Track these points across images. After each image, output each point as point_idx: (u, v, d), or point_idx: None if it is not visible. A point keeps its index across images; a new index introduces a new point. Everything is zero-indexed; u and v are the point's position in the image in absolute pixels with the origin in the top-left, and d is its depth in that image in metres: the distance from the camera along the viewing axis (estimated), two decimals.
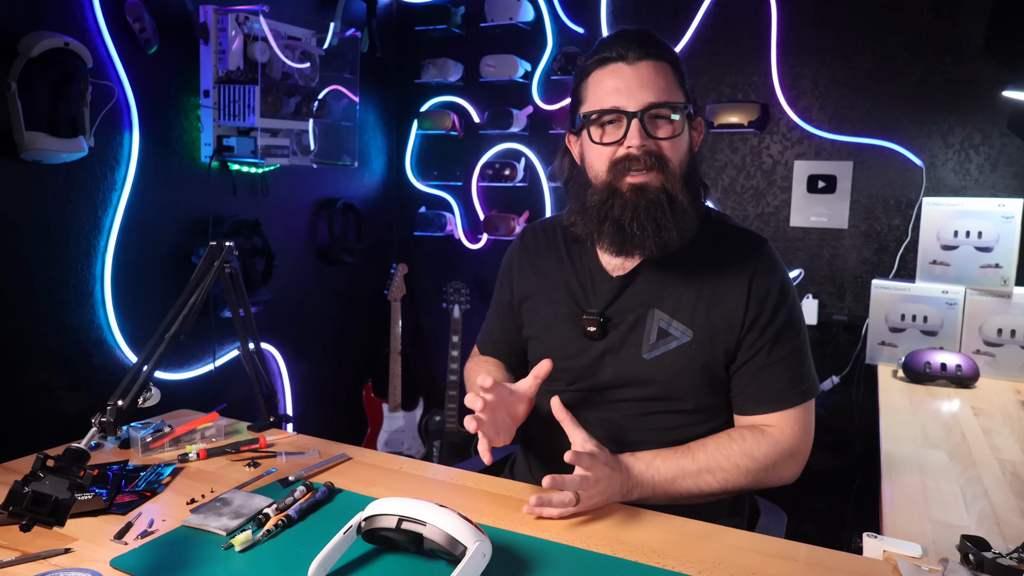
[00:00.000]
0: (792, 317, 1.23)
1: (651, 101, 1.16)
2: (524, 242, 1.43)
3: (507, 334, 1.45)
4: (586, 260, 1.31)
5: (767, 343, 1.21)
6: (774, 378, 1.21)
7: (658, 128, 1.17)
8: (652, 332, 1.23)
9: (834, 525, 2.52)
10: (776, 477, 1.21)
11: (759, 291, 1.21)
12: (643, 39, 1.19)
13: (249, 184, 2.53)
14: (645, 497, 1.15)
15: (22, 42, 1.78)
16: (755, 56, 2.55)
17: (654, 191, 1.16)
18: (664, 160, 1.17)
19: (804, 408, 1.22)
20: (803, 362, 1.23)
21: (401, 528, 0.90)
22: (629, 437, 1.22)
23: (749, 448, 1.18)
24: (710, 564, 0.96)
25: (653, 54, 1.18)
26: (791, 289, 1.24)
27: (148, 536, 1.02)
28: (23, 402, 1.90)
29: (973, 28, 2.27)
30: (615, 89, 1.17)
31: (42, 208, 1.91)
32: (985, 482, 1.32)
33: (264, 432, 1.45)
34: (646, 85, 1.16)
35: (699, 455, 1.18)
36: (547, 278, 1.35)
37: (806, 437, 1.22)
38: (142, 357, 1.20)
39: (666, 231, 1.16)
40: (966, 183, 2.33)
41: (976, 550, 0.97)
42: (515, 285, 1.41)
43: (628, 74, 1.17)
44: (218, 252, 1.36)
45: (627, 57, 1.17)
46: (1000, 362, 2.10)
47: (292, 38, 2.46)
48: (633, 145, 1.15)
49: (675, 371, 1.21)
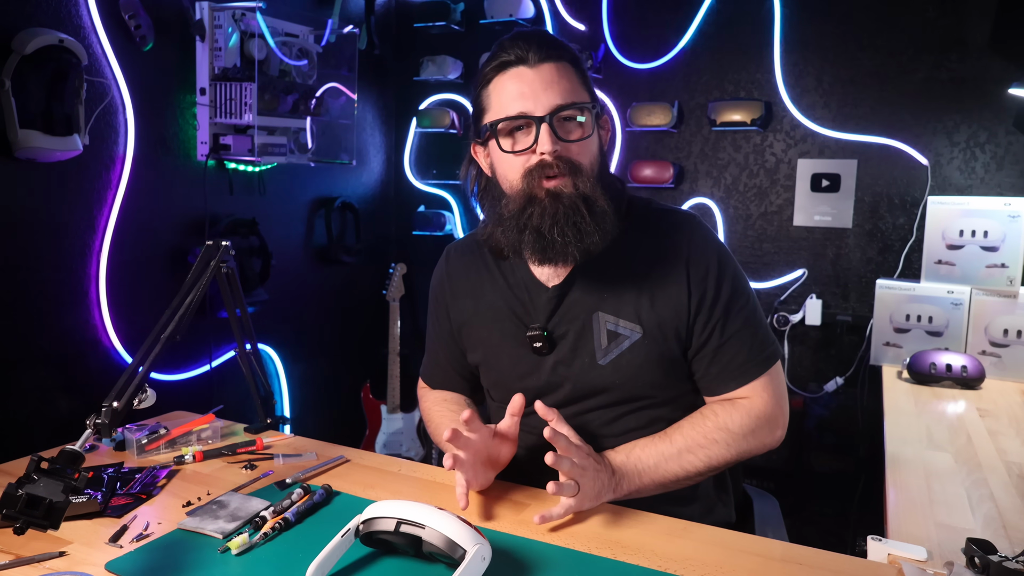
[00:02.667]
0: (736, 289, 1.21)
1: (558, 103, 1.12)
2: (450, 265, 1.38)
3: (455, 363, 1.40)
4: (519, 273, 1.27)
5: (718, 322, 1.19)
6: (733, 354, 1.20)
7: (568, 131, 1.14)
8: (602, 336, 1.21)
9: (838, 528, 2.52)
10: (759, 443, 1.20)
11: (697, 272, 1.19)
12: (542, 40, 1.15)
13: (246, 183, 2.52)
14: (635, 490, 1.15)
15: (16, 39, 1.77)
16: (758, 53, 2.55)
17: (570, 197, 1.13)
18: (576, 164, 1.14)
19: (770, 374, 1.21)
20: (758, 329, 1.22)
21: (400, 531, 0.90)
22: (605, 444, 1.20)
23: (723, 421, 1.18)
24: (712, 567, 0.96)
25: (553, 55, 1.14)
26: (729, 260, 1.23)
27: (143, 539, 1.03)
28: (17, 403, 1.90)
29: (979, 24, 2.26)
30: (519, 94, 1.13)
31: (36, 207, 1.91)
32: (991, 484, 1.32)
33: (261, 434, 1.45)
34: (551, 87, 1.12)
35: (676, 437, 1.18)
36: (483, 299, 1.31)
37: (780, 401, 1.22)
38: (137, 358, 1.20)
39: (587, 236, 1.14)
40: (972, 182, 2.33)
41: (982, 553, 0.97)
42: (451, 312, 1.36)
43: (531, 77, 1.13)
44: (214, 252, 1.36)
45: (527, 60, 1.13)
46: (1006, 363, 2.09)
47: (289, 35, 2.46)
48: (545, 151, 1.12)
49: (633, 370, 1.20)
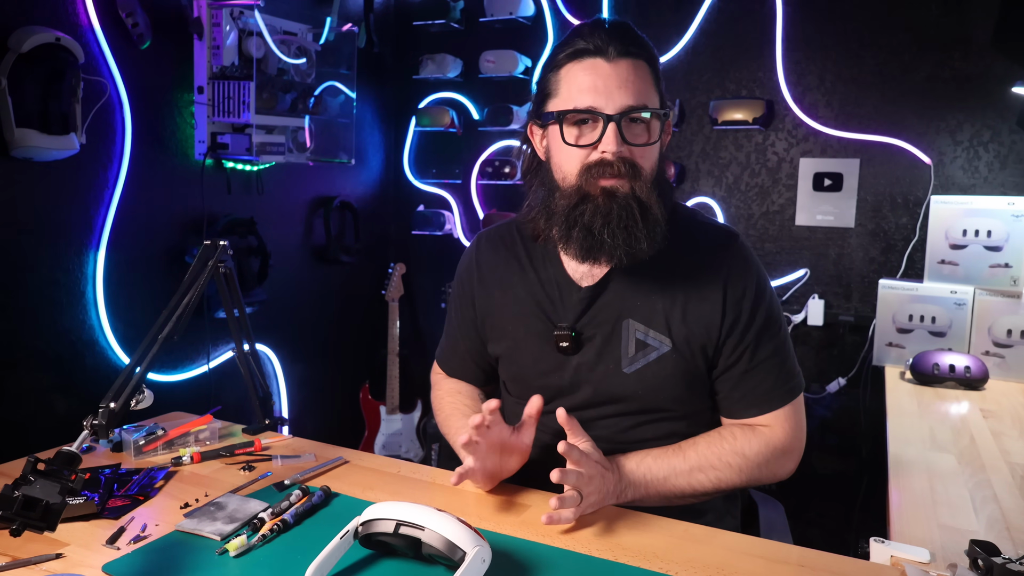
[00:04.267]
0: (771, 317, 1.20)
1: (630, 104, 1.09)
2: (480, 253, 1.35)
3: (473, 353, 1.39)
4: (552, 269, 1.25)
5: (748, 347, 1.18)
6: (759, 380, 1.19)
7: (634, 134, 1.12)
8: (630, 344, 1.19)
9: (840, 529, 2.52)
10: (770, 474, 1.19)
11: (734, 294, 1.18)
12: (624, 34, 1.12)
13: (244, 182, 2.52)
14: (639, 498, 1.14)
15: (12, 37, 1.78)
16: (760, 52, 2.55)
17: (625, 198, 1.11)
18: (637, 167, 1.12)
19: (793, 405, 1.20)
20: (787, 360, 1.21)
21: (399, 533, 0.91)
22: (617, 451, 1.19)
23: (740, 446, 1.16)
24: (713, 569, 0.96)
25: (633, 52, 1.11)
26: (767, 286, 1.21)
27: (141, 541, 1.03)
28: (13, 404, 1.90)
29: (982, 23, 2.26)
30: (592, 87, 1.10)
31: (33, 207, 1.91)
32: (994, 486, 1.32)
33: (259, 435, 1.45)
34: (625, 86, 1.09)
35: (690, 454, 1.16)
36: (512, 291, 1.29)
37: (798, 433, 1.21)
38: (135, 358, 1.20)
39: (636, 241, 1.12)
40: (975, 181, 2.32)
41: (985, 555, 0.97)
42: (477, 300, 1.34)
43: (607, 72, 1.10)
44: (212, 251, 1.36)
45: (607, 52, 1.10)
46: (1010, 363, 2.09)
47: (288, 33, 2.46)
48: (608, 151, 1.10)
49: (658, 382, 1.19)
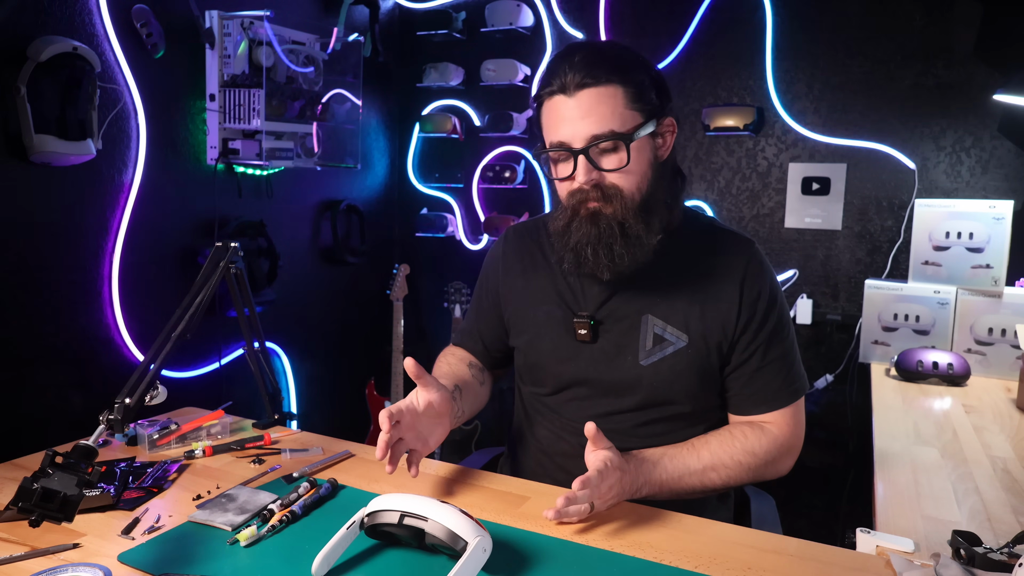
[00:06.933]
0: (782, 320, 1.25)
1: (594, 134, 1.11)
2: (508, 244, 1.40)
3: (487, 337, 1.42)
4: None
5: (760, 346, 1.22)
6: (768, 379, 1.23)
7: (608, 160, 1.14)
8: (648, 338, 1.22)
9: (828, 521, 2.54)
10: (773, 471, 1.23)
11: (750, 295, 1.22)
12: (585, 62, 1.11)
13: (254, 186, 2.54)
14: (650, 495, 1.16)
15: (31, 46, 1.79)
16: (750, 60, 2.57)
17: (607, 219, 1.15)
18: (615, 190, 1.15)
19: (797, 406, 1.25)
20: (794, 362, 1.26)
21: (403, 524, 0.91)
22: (626, 444, 1.20)
23: (751, 445, 1.20)
24: (706, 559, 0.97)
25: (597, 78, 1.11)
26: (779, 290, 1.26)
27: (155, 531, 1.03)
28: (33, 400, 1.91)
29: (965, 32, 2.27)
30: (557, 124, 1.14)
31: (51, 210, 1.92)
32: (976, 478, 1.33)
33: (269, 429, 1.46)
34: (588, 116, 1.11)
35: (703, 453, 1.19)
36: (535, 280, 1.33)
37: (800, 431, 1.26)
38: (149, 356, 1.21)
39: (619, 259, 1.16)
40: (958, 185, 2.34)
41: (967, 545, 0.97)
42: (501, 288, 1.38)
43: (570, 106, 1.12)
44: (223, 253, 1.37)
45: (567, 88, 1.12)
46: (991, 361, 2.11)
47: (296, 43, 2.47)
48: (579, 182, 1.14)
49: (673, 376, 1.21)
